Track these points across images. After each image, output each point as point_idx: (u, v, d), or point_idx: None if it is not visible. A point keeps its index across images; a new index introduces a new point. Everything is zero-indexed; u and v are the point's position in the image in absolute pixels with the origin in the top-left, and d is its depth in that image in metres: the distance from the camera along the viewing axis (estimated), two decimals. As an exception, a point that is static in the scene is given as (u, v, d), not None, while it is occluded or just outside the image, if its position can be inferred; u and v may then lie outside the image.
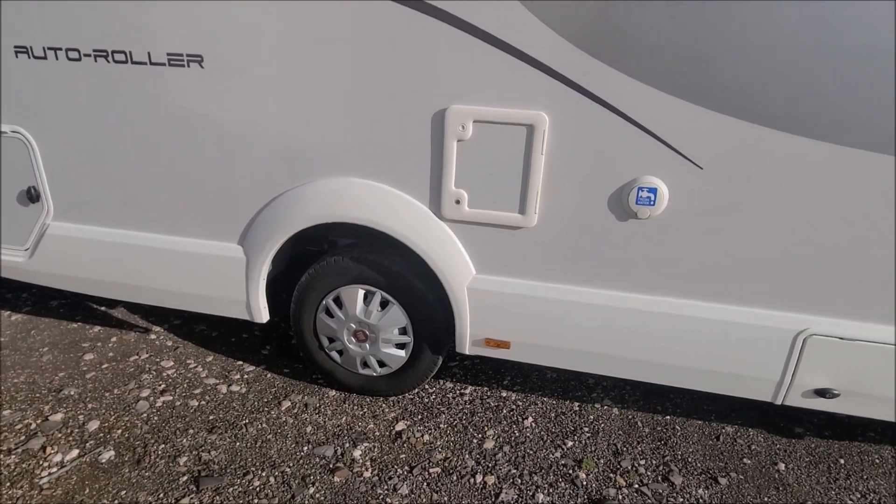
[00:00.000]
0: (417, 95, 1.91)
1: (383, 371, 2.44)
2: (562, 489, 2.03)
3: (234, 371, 2.70)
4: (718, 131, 1.74)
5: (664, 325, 2.00)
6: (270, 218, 2.20)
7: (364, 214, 2.10)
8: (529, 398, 2.54)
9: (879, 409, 1.97)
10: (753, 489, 2.06)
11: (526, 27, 1.74)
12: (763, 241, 1.84)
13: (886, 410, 1.96)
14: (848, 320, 1.88)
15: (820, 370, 1.94)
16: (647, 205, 1.86)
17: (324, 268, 2.32)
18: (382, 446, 2.22)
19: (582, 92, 1.79)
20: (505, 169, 1.94)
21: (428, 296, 2.23)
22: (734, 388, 2.07)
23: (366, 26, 1.85)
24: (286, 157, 2.10)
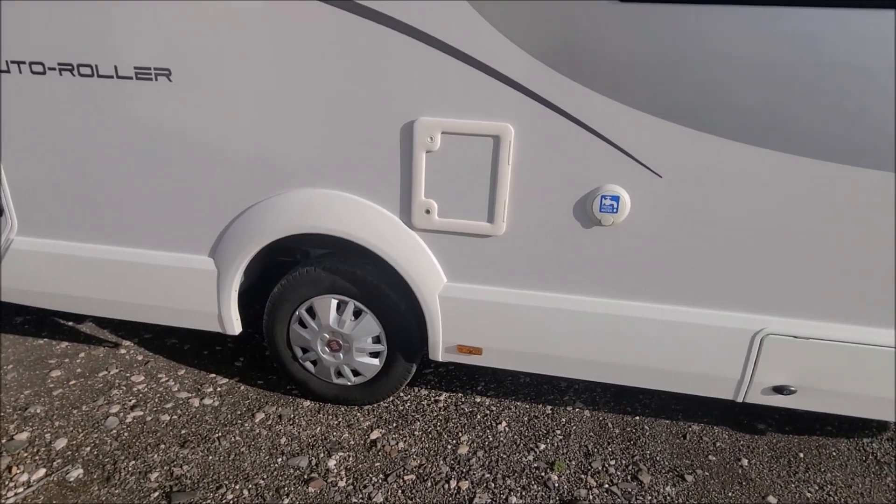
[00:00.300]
0: (386, 108, 1.94)
1: (358, 380, 2.45)
2: (534, 491, 2.07)
3: (207, 384, 2.67)
4: (676, 141, 1.81)
5: (630, 328, 2.07)
6: (241, 230, 2.20)
7: (335, 225, 2.12)
8: (503, 403, 2.58)
9: (833, 404, 2.06)
10: (718, 485, 2.13)
11: (490, 42, 1.79)
12: (719, 246, 1.92)
13: (839, 405, 2.06)
14: (802, 319, 1.97)
15: (777, 368, 2.03)
16: (611, 212, 1.93)
17: (296, 278, 2.33)
18: (357, 455, 2.23)
19: (546, 104, 1.85)
20: (473, 179, 1.98)
21: (401, 304, 2.25)
22: (698, 388, 2.15)
23: (332, 40, 1.88)
24: (256, 169, 2.11)
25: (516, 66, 1.82)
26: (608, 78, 1.78)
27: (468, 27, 1.79)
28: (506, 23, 1.77)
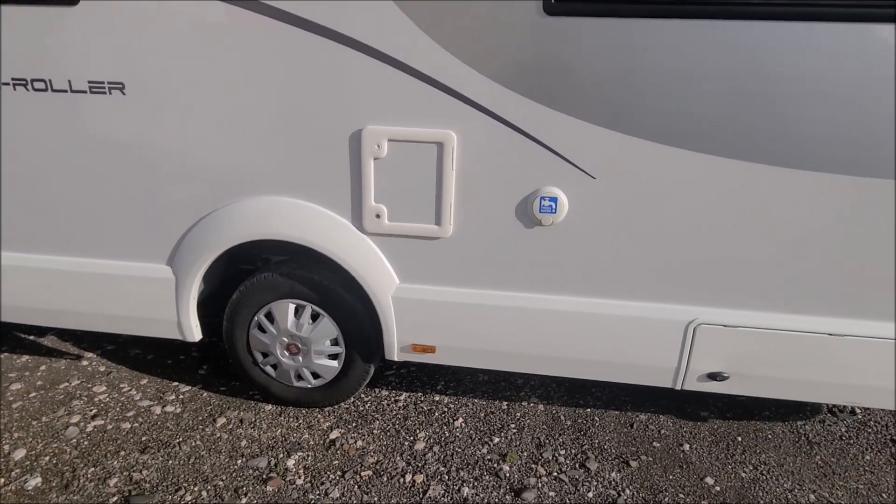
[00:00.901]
0: (334, 117, 2.03)
1: (318, 382, 2.51)
2: (486, 482, 2.16)
3: (170, 392, 2.70)
4: (607, 145, 1.94)
5: (573, 322, 2.18)
6: (197, 238, 2.26)
7: (289, 231, 2.20)
8: (461, 400, 2.66)
9: (763, 388, 2.20)
10: (660, 469, 2.25)
11: (429, 53, 1.90)
12: (652, 242, 2.04)
13: (769, 388, 2.19)
14: (731, 309, 2.10)
15: (710, 356, 2.16)
16: (550, 212, 2.04)
17: (254, 284, 2.39)
18: (316, 454, 2.29)
19: (485, 112, 1.96)
20: (420, 184, 2.08)
21: (357, 307, 2.33)
22: (639, 377, 2.26)
23: (276, 52, 1.96)
24: (210, 178, 2.18)
25: (455, 77, 1.93)
26: (540, 86, 1.90)
27: (407, 38, 1.89)
28: (443, 34, 1.88)
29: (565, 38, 1.84)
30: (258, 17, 1.92)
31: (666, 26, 1.79)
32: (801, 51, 1.75)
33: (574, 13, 1.82)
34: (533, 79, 1.90)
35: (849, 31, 1.71)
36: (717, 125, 1.86)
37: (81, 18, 2.03)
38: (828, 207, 1.90)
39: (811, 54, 1.75)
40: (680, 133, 1.90)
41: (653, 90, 1.85)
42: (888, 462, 2.30)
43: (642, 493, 2.13)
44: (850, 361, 2.07)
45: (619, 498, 2.10)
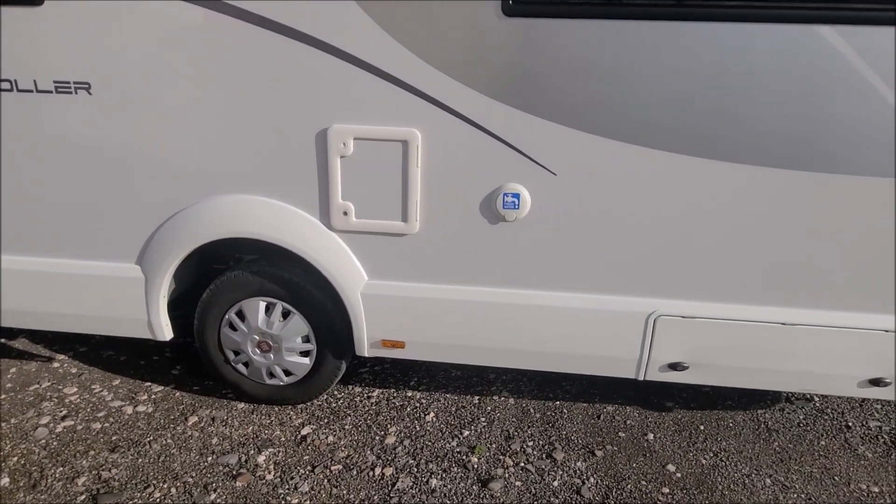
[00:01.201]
0: (300, 116, 2.07)
1: (290, 379, 2.53)
2: (454, 473, 2.20)
3: (142, 392, 2.71)
4: (567, 142, 1.99)
5: (538, 315, 2.23)
6: (166, 237, 2.27)
7: (257, 229, 2.22)
8: (433, 396, 2.70)
9: (722, 377, 2.27)
10: (624, 458, 2.31)
11: (391, 52, 1.94)
12: (612, 236, 2.10)
13: (727, 378, 2.26)
14: (689, 301, 2.17)
15: (670, 346, 2.22)
16: (513, 208, 2.09)
17: (224, 283, 2.41)
18: (287, 450, 2.31)
19: (448, 111, 2.01)
20: (386, 181, 2.12)
21: (327, 304, 2.36)
22: (604, 369, 2.32)
23: (246, 52, 1.99)
24: (178, 177, 2.19)
25: (418, 76, 1.97)
26: (501, 85, 1.95)
27: (370, 38, 1.93)
28: (406, 34, 1.92)
29: (524, 38, 1.90)
30: (222, 18, 1.95)
31: (620, 27, 1.85)
32: (751, 51, 1.82)
33: (532, 14, 1.88)
34: (493, 78, 1.95)
35: (795, 32, 1.79)
36: (672, 123, 1.93)
37: (46, 18, 2.04)
38: (780, 202, 1.98)
39: (761, 54, 1.82)
40: (636, 130, 1.96)
41: (608, 89, 1.91)
42: (842, 447, 2.39)
43: (606, 481, 2.18)
44: (803, 350, 2.15)
45: (582, 486, 2.15)
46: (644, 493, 2.13)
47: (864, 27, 1.77)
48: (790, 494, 2.14)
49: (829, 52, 1.79)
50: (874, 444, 2.41)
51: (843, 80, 1.82)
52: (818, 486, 2.18)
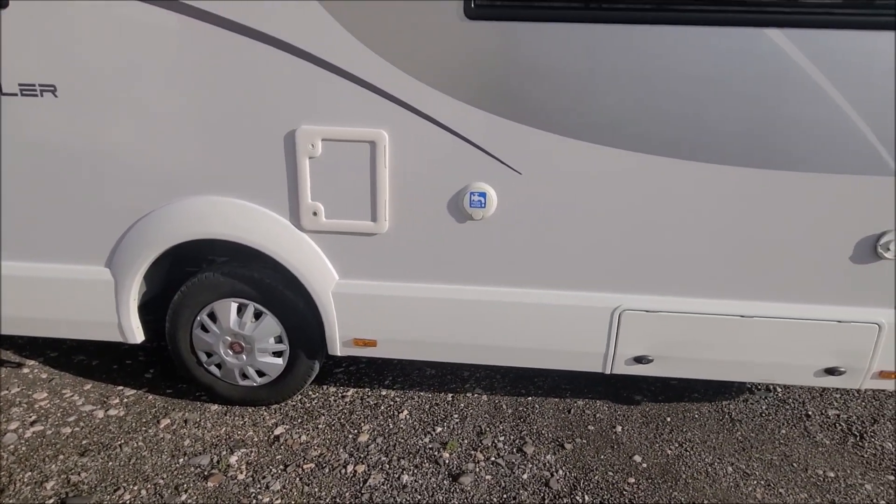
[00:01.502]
0: (268, 117, 2.09)
1: (263, 380, 2.54)
2: (425, 469, 2.23)
3: (114, 396, 2.69)
4: (530, 142, 2.04)
5: (506, 312, 2.27)
6: (135, 239, 2.27)
7: (227, 230, 2.23)
8: (407, 394, 2.73)
9: (685, 369, 2.33)
10: (593, 450, 2.36)
11: (358, 55, 1.98)
12: (576, 233, 2.16)
13: (690, 370, 2.33)
14: (652, 295, 2.23)
15: (635, 340, 2.28)
16: (480, 207, 2.14)
17: (196, 285, 2.41)
18: (259, 450, 2.32)
19: (414, 112, 2.05)
20: (355, 181, 2.15)
21: (299, 304, 2.38)
22: (572, 363, 2.37)
23: (212, 54, 2.01)
24: (146, 179, 2.20)
25: (383, 78, 2.01)
26: (464, 87, 2.00)
27: (336, 41, 1.97)
28: (371, 37, 1.96)
29: (486, 41, 1.95)
30: (187, 20, 1.97)
31: (579, 31, 1.91)
32: (705, 53, 1.89)
33: (493, 18, 1.93)
34: (458, 80, 2.00)
35: (745, 35, 1.87)
36: (633, 123, 1.99)
37: (11, 20, 2.03)
38: (736, 199, 2.05)
39: (714, 56, 1.89)
40: (598, 130, 2.02)
41: (570, 90, 1.97)
42: (801, 435, 2.47)
43: (574, 473, 2.23)
44: (761, 341, 2.22)
45: (551, 478, 2.20)
46: (611, 483, 2.19)
47: (811, 30, 1.86)
48: (750, 481, 2.21)
49: (777, 54, 1.87)
50: (832, 431, 2.50)
51: (792, 81, 1.90)
52: (777, 473, 2.25)
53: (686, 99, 1.95)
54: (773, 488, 2.17)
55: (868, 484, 2.21)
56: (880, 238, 2.05)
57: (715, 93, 1.93)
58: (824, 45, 1.86)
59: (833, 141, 1.96)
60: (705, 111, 1.96)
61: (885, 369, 2.24)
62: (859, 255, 2.10)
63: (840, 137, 1.95)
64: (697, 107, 1.96)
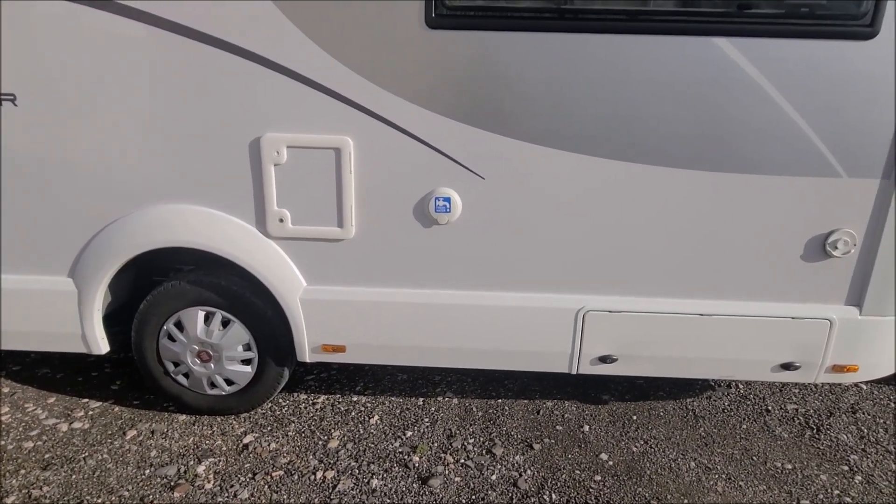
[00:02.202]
0: (233, 125, 2.10)
1: (231, 389, 2.52)
2: (395, 473, 2.24)
3: (78, 409, 2.64)
4: (492, 147, 2.09)
5: (473, 315, 2.31)
6: (98, 249, 2.25)
7: (193, 238, 2.23)
8: (378, 399, 2.74)
9: (648, 368, 2.39)
10: (561, 450, 2.40)
11: (320, 62, 2.00)
12: (540, 236, 2.21)
13: (653, 368, 2.39)
14: (614, 296, 2.29)
15: (599, 340, 2.33)
16: (445, 212, 2.17)
17: (162, 293, 2.39)
18: (228, 459, 2.31)
19: (378, 119, 2.08)
20: (321, 188, 2.17)
21: (267, 311, 2.37)
22: (539, 364, 2.41)
23: (177, 62, 2.02)
24: (109, 187, 2.19)
25: (348, 85, 2.04)
26: (427, 94, 2.04)
27: (299, 49, 1.99)
28: (334, 46, 1.99)
29: (448, 50, 1.99)
30: (150, 29, 1.97)
31: (535, 39, 1.97)
32: (659, 62, 1.96)
33: (454, 27, 1.97)
34: (420, 87, 2.04)
35: (695, 44, 1.95)
36: (591, 128, 2.05)
37: (-32, 30, 2.01)
38: (690, 200, 2.12)
39: (667, 65, 1.96)
40: (558, 136, 2.07)
41: (528, 97, 2.02)
42: (761, 429, 2.54)
43: (542, 473, 2.27)
44: (720, 338, 2.29)
45: (519, 478, 2.23)
46: (577, 481, 2.22)
47: (756, 39, 1.95)
48: (712, 475, 2.27)
49: (726, 62, 1.95)
50: (790, 425, 2.58)
51: (741, 88, 1.98)
52: (738, 467, 2.32)
53: (643, 105, 2.01)
54: (733, 481, 2.24)
55: (823, 475, 2.29)
56: (828, 237, 2.15)
57: (670, 99, 2.00)
58: (770, 54, 1.94)
59: (781, 145, 2.04)
60: (661, 117, 2.03)
61: (837, 363, 2.33)
62: (809, 254, 2.19)
63: (788, 141, 2.04)
64: (654, 113, 2.02)
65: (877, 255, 2.15)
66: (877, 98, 1.98)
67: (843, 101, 1.98)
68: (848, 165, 2.06)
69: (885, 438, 2.50)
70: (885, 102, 1.98)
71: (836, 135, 2.02)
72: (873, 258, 2.16)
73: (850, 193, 2.09)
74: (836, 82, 1.96)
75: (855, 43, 1.93)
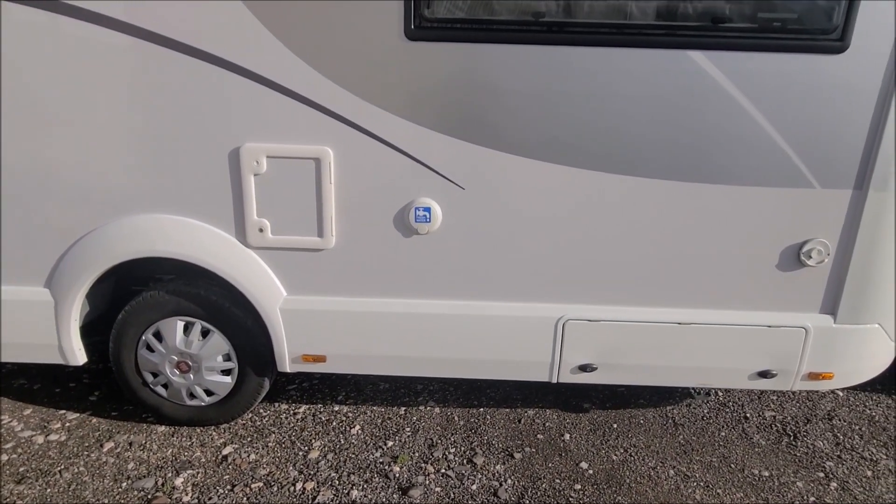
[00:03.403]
0: (212, 135, 2.09)
1: (211, 399, 2.50)
2: (375, 483, 2.24)
3: (55, 421, 2.60)
4: (472, 158, 2.10)
5: (454, 324, 2.31)
6: (75, 259, 2.23)
7: (171, 248, 2.21)
8: (360, 409, 2.73)
9: (628, 376, 2.41)
10: (541, 459, 2.41)
11: (302, 74, 2.01)
12: (520, 246, 2.22)
13: (632, 376, 2.40)
14: (594, 305, 2.30)
15: (579, 349, 2.34)
16: (425, 222, 2.18)
17: (140, 304, 2.37)
18: (206, 471, 2.29)
19: (358, 129, 2.09)
20: (301, 198, 2.17)
21: (247, 321, 2.36)
22: (519, 373, 2.42)
23: (156, 71, 2.01)
24: (88, 197, 2.17)
25: (327, 96, 2.04)
26: (407, 105, 2.05)
27: (278, 59, 1.99)
28: (314, 57, 1.99)
29: (427, 61, 2.00)
30: (127, 38, 1.96)
31: (515, 51, 1.98)
32: (634, 74, 1.98)
33: (433, 39, 1.99)
34: (399, 98, 2.05)
35: (672, 57, 1.97)
36: (570, 139, 2.07)
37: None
38: (668, 210, 2.14)
39: (643, 77, 1.98)
40: (538, 147, 2.09)
41: (508, 108, 2.04)
42: (739, 436, 2.57)
43: (522, 482, 2.27)
44: (698, 347, 2.31)
45: (500, 488, 2.23)
46: (557, 490, 2.23)
47: (731, 52, 1.98)
48: (690, 483, 2.28)
49: (700, 74, 1.98)
50: (768, 432, 2.61)
51: (714, 99, 2.01)
52: (716, 474, 2.34)
53: (621, 116, 2.04)
54: (711, 489, 2.26)
55: (800, 482, 2.31)
56: (803, 246, 2.18)
57: (648, 111, 2.03)
58: (744, 67, 1.98)
59: (756, 156, 2.08)
60: (639, 128, 2.05)
61: (813, 371, 2.36)
62: (784, 263, 2.22)
63: (762, 153, 2.07)
64: (632, 124, 2.05)
65: (850, 264, 2.19)
66: (848, 110, 2.02)
67: (815, 113, 2.02)
68: (821, 176, 2.10)
69: (860, 445, 2.54)
70: (856, 114, 2.02)
71: (809, 146, 2.06)
72: (847, 267, 2.20)
73: (823, 204, 2.13)
74: (809, 95, 2.00)
75: (826, 56, 1.97)
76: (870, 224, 2.14)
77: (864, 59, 1.96)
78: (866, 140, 2.05)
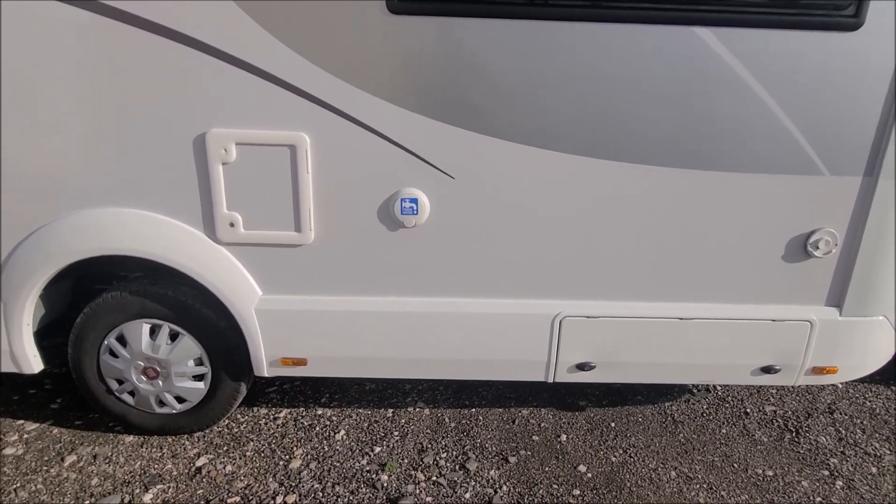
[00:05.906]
0: (174, 120, 1.89)
1: (183, 407, 2.32)
2: (362, 495, 2.09)
3: (12, 432, 2.40)
4: (462, 144, 1.94)
5: (444, 323, 2.16)
6: (26, 257, 2.02)
7: (132, 245, 2.01)
8: (345, 412, 2.57)
9: (627, 374, 2.29)
10: (538, 462, 2.29)
11: (273, 52, 1.81)
12: (514, 239, 2.07)
13: (632, 374, 2.29)
14: (591, 301, 2.17)
15: (577, 347, 2.22)
16: (412, 214, 2.01)
17: (101, 305, 2.17)
18: (178, 485, 2.12)
19: (336, 113, 1.90)
20: (275, 189, 1.98)
21: (219, 322, 2.18)
22: (514, 373, 2.29)
23: (111, 50, 1.80)
24: (39, 188, 1.95)
25: (303, 77, 1.85)
26: (390, 86, 1.87)
27: (248, 37, 1.80)
28: (288, 34, 1.80)
29: (412, 37, 1.83)
30: (81, 13, 1.75)
31: (507, 26, 1.82)
32: (635, 53, 1.84)
33: (419, 12, 1.80)
34: (383, 79, 1.87)
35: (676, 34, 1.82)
36: (566, 123, 1.91)
37: None
38: (670, 199, 2.01)
39: (647, 54, 1.83)
40: (531, 132, 1.93)
41: (500, 90, 1.87)
42: (741, 433, 2.48)
43: (518, 488, 2.14)
44: (699, 343, 2.20)
45: (495, 496, 2.10)
46: (555, 496, 2.11)
47: (738, 29, 1.84)
48: (693, 485, 2.19)
49: (705, 52, 1.84)
50: (769, 428, 2.53)
51: (719, 79, 1.87)
52: (719, 475, 2.24)
53: (621, 98, 1.88)
54: (715, 491, 2.16)
55: (805, 481, 2.23)
56: (810, 237, 2.07)
57: (649, 92, 1.88)
58: (752, 45, 1.84)
59: (763, 141, 1.95)
60: (640, 111, 1.90)
61: (817, 365, 2.27)
62: (790, 254, 2.11)
63: (770, 137, 1.95)
64: (632, 106, 1.90)
65: (857, 255, 2.10)
66: (860, 92, 1.90)
67: (826, 94, 1.90)
68: (830, 163, 1.98)
69: (863, 440, 2.47)
70: (868, 96, 1.90)
71: (819, 130, 1.94)
72: (854, 258, 2.10)
73: (832, 192, 2.02)
74: (819, 76, 1.88)
75: (838, 34, 1.84)
76: (879, 213, 2.04)
77: (879, 37, 1.84)
78: (878, 124, 1.94)
